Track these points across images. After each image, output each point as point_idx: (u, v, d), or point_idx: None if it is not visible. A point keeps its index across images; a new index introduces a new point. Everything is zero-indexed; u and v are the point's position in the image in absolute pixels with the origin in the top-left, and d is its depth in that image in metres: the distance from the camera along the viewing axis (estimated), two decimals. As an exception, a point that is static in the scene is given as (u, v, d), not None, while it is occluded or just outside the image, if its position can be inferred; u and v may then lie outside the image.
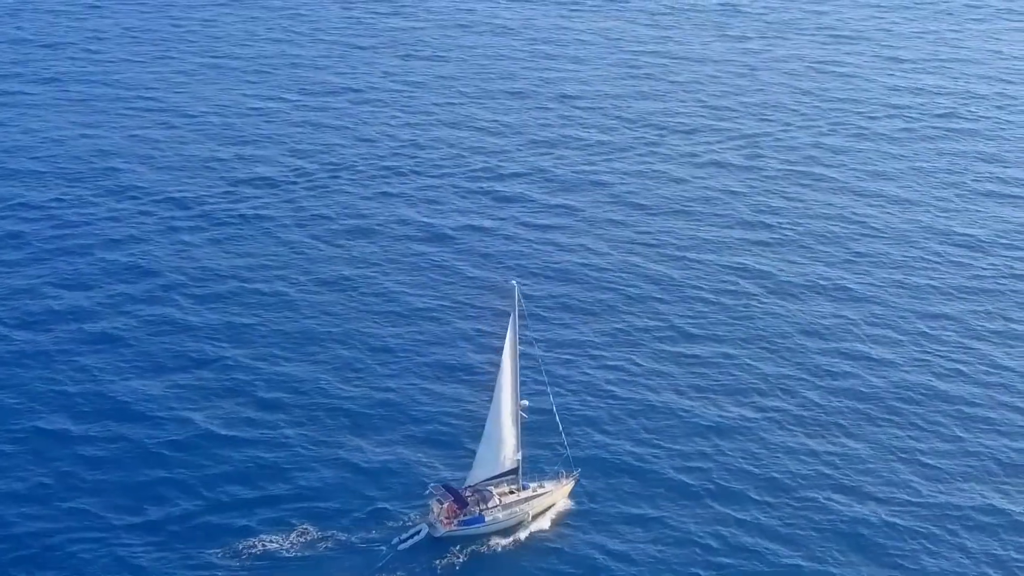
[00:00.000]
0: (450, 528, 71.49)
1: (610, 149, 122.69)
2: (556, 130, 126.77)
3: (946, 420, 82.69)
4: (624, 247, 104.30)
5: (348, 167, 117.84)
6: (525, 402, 73.55)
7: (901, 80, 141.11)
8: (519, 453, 73.75)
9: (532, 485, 74.59)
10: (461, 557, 70.71)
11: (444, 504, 72.05)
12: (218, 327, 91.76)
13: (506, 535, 72.35)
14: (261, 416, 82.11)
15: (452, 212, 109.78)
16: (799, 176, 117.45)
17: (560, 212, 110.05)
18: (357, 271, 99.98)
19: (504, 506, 73.05)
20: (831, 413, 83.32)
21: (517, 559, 71.27)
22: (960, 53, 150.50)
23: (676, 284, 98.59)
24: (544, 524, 73.34)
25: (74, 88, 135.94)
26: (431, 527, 71.65)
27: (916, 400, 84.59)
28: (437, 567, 70.08)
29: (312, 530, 71.80)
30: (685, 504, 74.78)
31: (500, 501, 73.16)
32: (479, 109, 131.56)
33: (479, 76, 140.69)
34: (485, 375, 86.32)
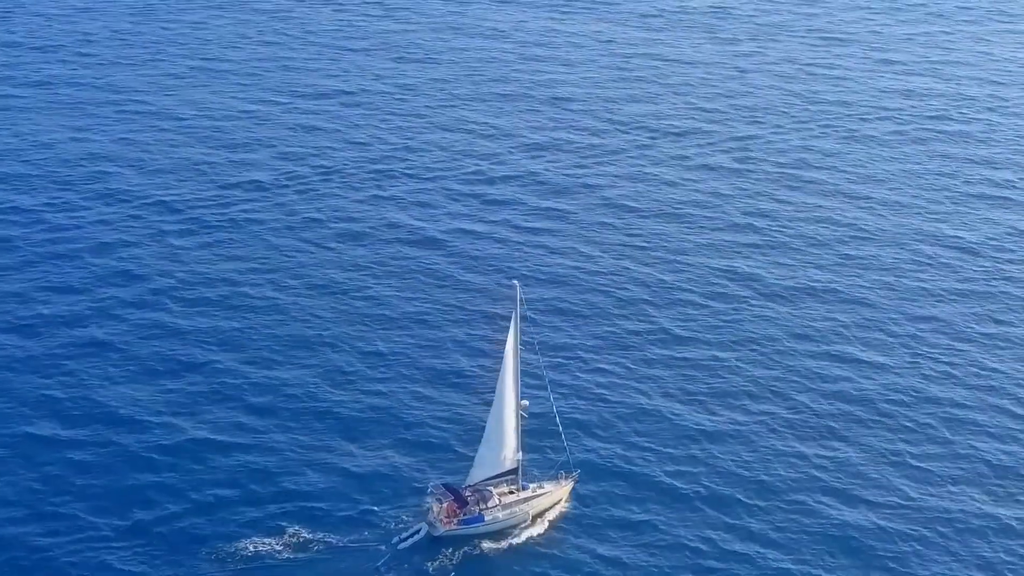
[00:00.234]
0: (450, 527, 71.63)
1: (601, 152, 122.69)
2: (547, 133, 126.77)
3: (936, 423, 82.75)
4: (615, 250, 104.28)
5: (339, 170, 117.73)
6: (526, 402, 73.68)
7: (892, 82, 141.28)
8: (519, 453, 73.90)
9: (532, 485, 74.75)
10: (455, 558, 70.72)
11: (444, 503, 72.18)
12: (208, 331, 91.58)
13: (499, 538, 72.24)
14: (251, 421, 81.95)
15: (443, 215, 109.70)
16: (789, 179, 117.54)
17: (551, 215, 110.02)
18: (348, 275, 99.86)
19: (504, 506, 73.19)
20: (821, 416, 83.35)
21: (508, 564, 71.16)
22: (951, 55, 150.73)
23: (667, 287, 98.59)
24: (535, 528, 73.27)
25: (64, 91, 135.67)
26: (431, 526, 71.77)
27: (906, 403, 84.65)
28: (436, 566, 70.06)
29: (304, 533, 71.66)
30: (676, 508, 74.74)
31: (500, 501, 73.27)
32: (470, 112, 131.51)
33: (470, 79, 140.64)
34: (477, 379, 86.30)
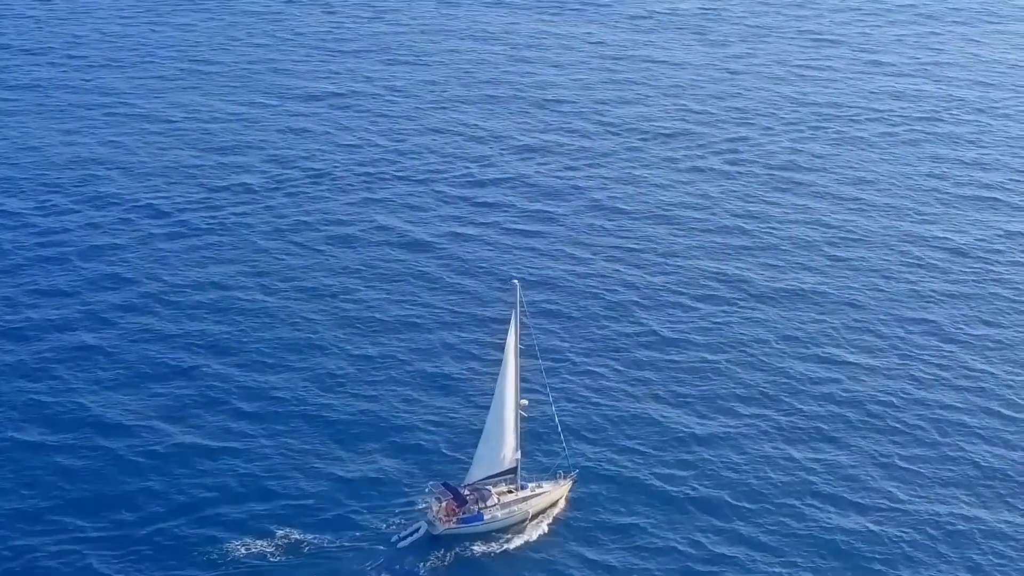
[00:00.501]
0: (449, 526, 71.71)
1: (592, 155, 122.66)
2: (538, 135, 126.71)
3: (925, 425, 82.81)
4: (605, 253, 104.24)
5: (329, 173, 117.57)
6: (525, 401, 73.83)
7: (882, 84, 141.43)
8: (518, 453, 74.04)
9: (530, 485, 74.90)
10: (450, 558, 70.84)
11: (443, 502, 72.27)
12: (197, 336, 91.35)
13: (489, 541, 72.18)
14: (240, 425, 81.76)
15: (433, 218, 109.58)
16: (779, 181, 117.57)
17: (541, 218, 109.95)
18: (338, 278, 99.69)
19: (503, 505, 73.33)
20: (811, 419, 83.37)
21: (497, 569, 71.09)
22: (941, 57, 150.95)
23: (656, 289, 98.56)
24: (525, 531, 73.21)
25: (53, 94, 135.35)
26: (430, 525, 71.91)
27: (895, 405, 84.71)
28: (436, 566, 70.24)
29: (294, 535, 71.65)
30: (665, 511, 74.71)
31: (499, 500, 73.40)
32: (461, 114, 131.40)
33: (461, 81, 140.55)
34: (467, 382, 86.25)
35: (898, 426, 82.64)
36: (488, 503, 73.04)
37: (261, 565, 69.95)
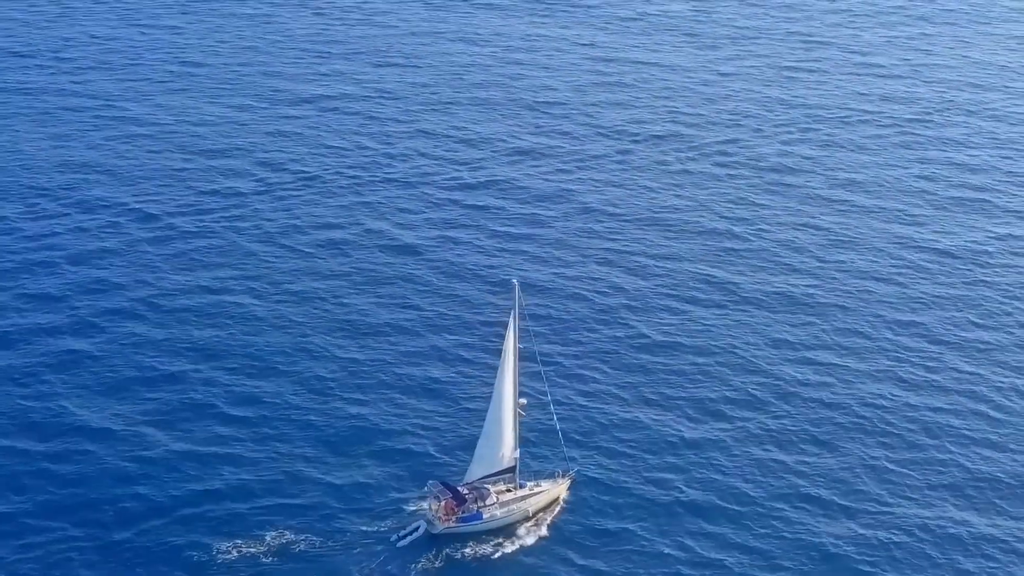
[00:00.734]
0: (448, 525, 71.70)
1: (582, 158, 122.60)
2: (528, 138, 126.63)
3: (915, 428, 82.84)
4: (595, 256, 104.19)
5: (318, 177, 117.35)
6: (523, 401, 73.91)
7: (872, 86, 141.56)
8: (517, 451, 74.11)
9: (529, 484, 74.91)
10: (448, 558, 70.82)
11: (442, 501, 72.26)
12: (185, 340, 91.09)
13: (479, 544, 72.05)
14: (229, 430, 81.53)
15: (423, 222, 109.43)
16: (769, 184, 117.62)
17: (532, 221, 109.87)
18: (327, 283, 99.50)
19: (502, 504, 73.36)
20: (800, 422, 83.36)
21: (485, 574, 71.01)
22: (931, 59, 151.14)
23: (646, 293, 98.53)
24: (512, 535, 73.11)
25: (40, 98, 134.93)
26: (429, 524, 71.94)
27: (885, 408, 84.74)
28: (435, 565, 70.25)
29: (284, 538, 71.51)
30: (654, 515, 74.63)
31: (498, 499, 73.43)
32: (451, 117, 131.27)
33: (451, 84, 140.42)
34: (456, 386, 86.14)
35: (887, 429, 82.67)
36: (487, 502, 73.15)
37: (253, 568, 69.78)
